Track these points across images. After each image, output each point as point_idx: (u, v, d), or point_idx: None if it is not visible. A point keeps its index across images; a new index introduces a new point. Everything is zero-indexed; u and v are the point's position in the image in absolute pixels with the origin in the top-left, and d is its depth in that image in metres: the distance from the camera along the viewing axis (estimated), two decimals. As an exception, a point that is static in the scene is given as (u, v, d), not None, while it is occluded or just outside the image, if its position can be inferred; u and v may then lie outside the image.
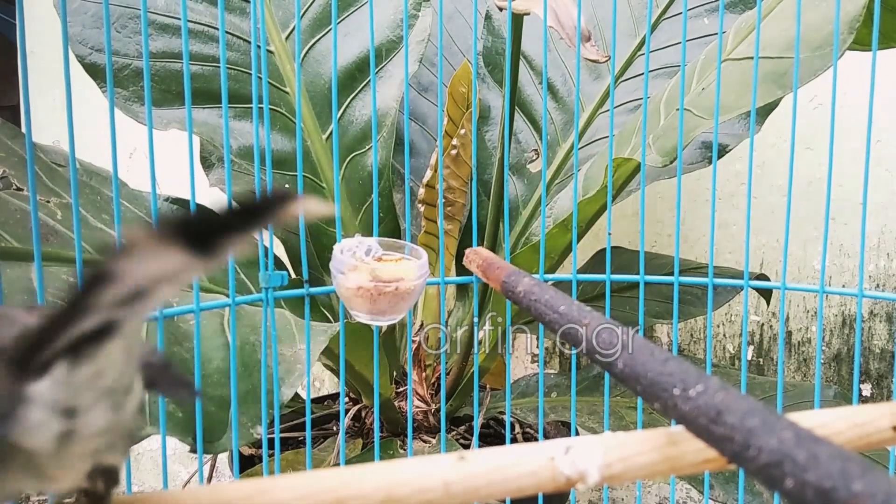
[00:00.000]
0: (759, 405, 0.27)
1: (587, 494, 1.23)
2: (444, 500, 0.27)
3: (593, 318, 0.39)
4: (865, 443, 0.31)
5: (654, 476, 0.29)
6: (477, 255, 0.59)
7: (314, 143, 0.89)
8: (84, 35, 0.80)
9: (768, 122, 0.88)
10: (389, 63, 0.91)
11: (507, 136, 0.71)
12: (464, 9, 1.07)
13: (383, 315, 0.53)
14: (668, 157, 0.63)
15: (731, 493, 0.72)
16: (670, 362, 0.32)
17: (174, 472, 1.35)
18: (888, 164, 1.07)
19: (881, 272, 1.10)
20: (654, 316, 0.93)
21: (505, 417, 0.80)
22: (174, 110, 0.82)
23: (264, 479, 0.27)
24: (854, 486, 0.22)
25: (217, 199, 0.93)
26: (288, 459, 0.83)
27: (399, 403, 0.89)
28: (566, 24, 0.62)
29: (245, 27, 0.88)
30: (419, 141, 1.02)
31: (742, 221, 1.13)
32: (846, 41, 0.58)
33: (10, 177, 0.66)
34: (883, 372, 1.11)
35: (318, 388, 1.36)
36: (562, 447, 0.29)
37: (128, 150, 1.31)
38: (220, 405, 0.55)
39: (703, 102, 0.65)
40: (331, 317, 0.89)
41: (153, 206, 0.50)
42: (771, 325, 1.16)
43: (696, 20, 0.94)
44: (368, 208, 0.91)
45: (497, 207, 0.79)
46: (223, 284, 0.74)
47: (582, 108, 0.98)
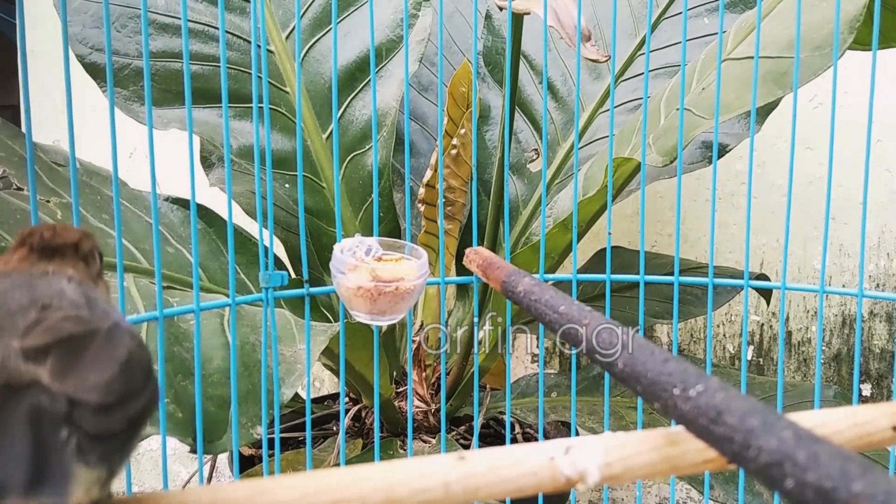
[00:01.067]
0: (759, 405, 0.27)
1: (587, 494, 1.23)
2: (443, 500, 0.27)
3: (593, 318, 0.39)
4: (865, 443, 0.31)
5: (654, 476, 0.29)
6: (477, 255, 0.59)
7: (314, 142, 0.89)
8: (84, 34, 0.80)
9: (768, 122, 0.88)
10: (389, 63, 0.91)
11: (507, 136, 0.71)
12: (464, 8, 1.07)
13: (383, 315, 0.53)
14: (668, 157, 0.63)
15: (731, 493, 0.72)
16: (670, 362, 0.32)
17: (174, 472, 1.35)
18: (888, 163, 1.07)
19: (881, 272, 1.10)
20: (654, 316, 0.93)
21: (505, 417, 0.80)
22: (174, 110, 0.82)
23: (264, 480, 0.27)
24: (854, 486, 0.22)
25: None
26: (288, 459, 0.83)
27: (399, 403, 0.89)
28: (566, 23, 0.62)
29: (245, 27, 0.88)
30: (419, 141, 1.02)
31: (742, 221, 1.13)
32: (846, 41, 0.58)
33: (10, 177, 0.66)
34: (883, 372, 1.11)
35: (318, 388, 1.36)
36: (562, 447, 0.29)
37: (128, 150, 1.31)
38: (220, 405, 0.55)
39: (703, 102, 0.65)
40: (331, 317, 0.89)
41: (153, 206, 0.49)
42: (771, 325, 1.16)
43: (696, 20, 0.94)
44: (368, 208, 0.91)
45: (497, 207, 0.79)
46: (223, 284, 0.74)
47: (582, 107, 0.98)
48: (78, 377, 0.24)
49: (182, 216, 0.77)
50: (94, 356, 0.25)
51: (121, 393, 0.25)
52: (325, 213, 0.90)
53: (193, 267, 0.53)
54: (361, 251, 0.54)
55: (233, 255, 0.54)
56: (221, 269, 0.75)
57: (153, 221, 0.50)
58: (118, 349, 0.26)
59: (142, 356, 0.27)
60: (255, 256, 0.79)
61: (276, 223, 0.89)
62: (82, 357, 0.25)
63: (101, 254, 0.33)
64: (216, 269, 0.75)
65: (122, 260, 0.49)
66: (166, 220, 0.77)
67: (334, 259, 0.52)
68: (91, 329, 0.26)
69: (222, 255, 0.77)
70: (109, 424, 0.24)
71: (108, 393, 0.24)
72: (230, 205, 0.61)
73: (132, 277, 0.65)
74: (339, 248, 0.53)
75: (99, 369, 0.25)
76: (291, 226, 0.90)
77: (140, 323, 0.55)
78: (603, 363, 0.36)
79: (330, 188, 0.89)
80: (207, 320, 0.60)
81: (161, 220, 0.76)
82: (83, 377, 0.24)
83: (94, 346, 0.26)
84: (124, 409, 0.25)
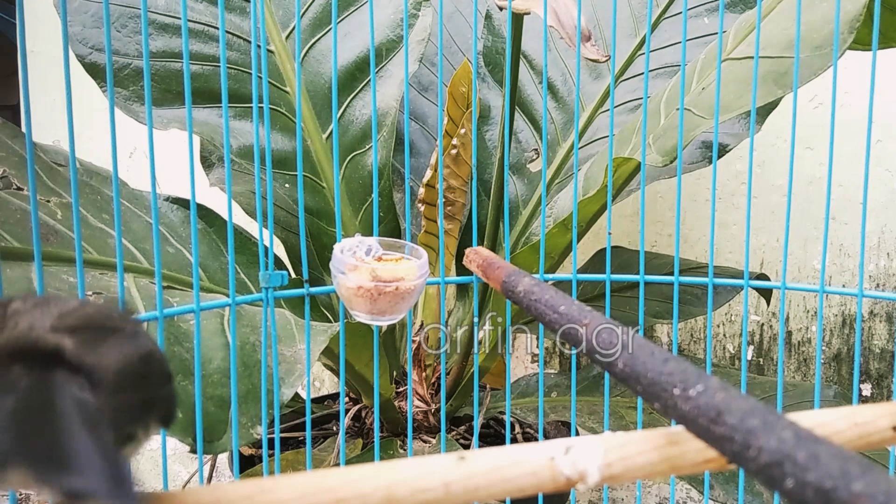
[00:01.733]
0: (759, 405, 0.27)
1: (587, 494, 1.23)
2: (444, 500, 0.27)
3: (593, 317, 0.39)
4: (865, 443, 0.31)
5: (654, 476, 0.29)
6: (477, 255, 0.59)
7: (314, 142, 0.89)
8: (84, 34, 0.80)
9: (768, 122, 0.88)
10: (389, 63, 0.91)
11: (507, 136, 0.71)
12: (464, 8, 1.07)
13: (383, 315, 0.53)
14: (668, 157, 0.63)
15: (731, 493, 0.72)
16: (670, 362, 0.32)
17: (174, 472, 1.35)
18: (888, 163, 1.07)
19: (881, 272, 1.10)
20: (654, 316, 0.93)
21: (505, 417, 0.80)
22: (174, 110, 0.82)
23: (264, 479, 0.27)
24: (854, 486, 0.22)
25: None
26: (288, 459, 0.83)
27: (399, 403, 0.89)
28: (566, 23, 0.62)
29: (245, 27, 0.88)
30: (419, 140, 1.02)
31: (742, 221, 1.13)
32: (846, 41, 0.58)
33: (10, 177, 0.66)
34: (883, 372, 1.11)
35: (318, 388, 1.36)
36: (562, 447, 0.29)
37: (128, 150, 1.32)
38: (220, 405, 0.55)
39: (703, 102, 0.65)
40: (331, 317, 0.89)
41: (153, 206, 0.49)
42: (771, 325, 1.16)
43: (696, 20, 0.94)
44: (368, 208, 0.91)
45: (497, 207, 0.79)
46: (223, 284, 0.74)
47: (582, 107, 0.98)
48: (99, 355, 0.25)
49: (182, 216, 0.77)
50: (117, 342, 0.26)
51: (137, 379, 0.25)
52: (325, 213, 0.90)
53: (193, 267, 0.53)
54: (361, 251, 0.54)
55: (233, 255, 0.54)
56: (221, 269, 0.75)
57: (153, 221, 0.50)
58: (141, 342, 0.27)
59: (162, 360, 0.28)
60: (255, 256, 0.79)
61: (276, 223, 0.89)
62: (106, 340, 0.26)
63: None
64: (216, 269, 0.75)
65: (122, 260, 0.49)
66: (166, 220, 0.77)
67: (334, 259, 0.52)
68: (118, 325, 0.27)
69: (222, 255, 0.77)
70: (120, 405, 0.24)
71: (125, 375, 0.25)
72: (230, 205, 0.61)
73: (132, 277, 0.65)
74: (339, 248, 0.53)
75: (120, 353, 0.26)
76: (291, 226, 0.90)
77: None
78: (603, 363, 0.36)
79: (330, 188, 0.89)
80: (207, 320, 0.60)
81: (161, 220, 0.76)
82: (104, 355, 0.25)
83: (118, 336, 0.27)
84: (138, 398, 0.25)
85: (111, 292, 0.59)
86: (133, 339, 0.27)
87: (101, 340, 0.26)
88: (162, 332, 0.52)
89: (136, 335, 0.27)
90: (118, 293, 0.50)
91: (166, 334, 0.55)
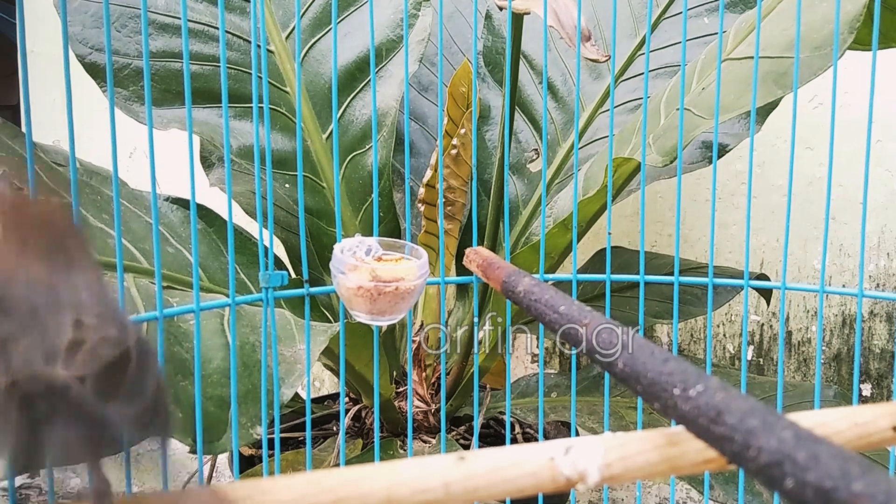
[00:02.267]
0: (759, 405, 0.27)
1: (587, 494, 1.23)
2: (444, 500, 0.27)
3: (593, 317, 0.39)
4: (865, 443, 0.31)
5: (654, 476, 0.29)
6: (477, 255, 0.59)
7: (314, 142, 0.89)
8: (84, 34, 0.80)
9: (768, 122, 0.88)
10: (389, 63, 0.91)
11: (507, 136, 0.71)
12: (464, 8, 1.07)
13: (383, 315, 0.53)
14: (668, 157, 0.63)
15: (731, 493, 0.72)
16: (670, 362, 0.32)
17: (174, 472, 1.35)
18: (888, 164, 1.07)
19: (881, 272, 1.10)
20: (654, 316, 0.93)
21: (505, 417, 0.80)
22: (174, 110, 0.82)
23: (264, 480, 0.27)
24: (854, 486, 0.22)
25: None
26: (288, 459, 0.83)
27: (399, 403, 0.89)
28: (566, 23, 0.62)
29: (245, 27, 0.88)
30: (419, 141, 1.02)
31: (742, 221, 1.13)
32: (846, 41, 0.58)
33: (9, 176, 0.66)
34: (883, 372, 1.11)
35: (318, 388, 1.36)
36: (562, 447, 0.29)
37: (128, 150, 1.32)
38: (220, 405, 0.55)
39: (703, 102, 0.65)
40: (331, 317, 0.89)
41: (153, 206, 0.49)
42: (771, 325, 1.16)
43: (696, 20, 0.94)
44: (368, 208, 0.91)
45: (497, 207, 0.79)
46: (223, 284, 0.74)
47: (582, 107, 0.98)
48: (116, 403, 0.27)
49: (182, 216, 0.77)
50: (129, 384, 0.28)
51: (147, 413, 0.28)
52: (325, 213, 0.90)
53: (193, 267, 0.53)
54: (361, 251, 0.54)
55: (233, 255, 0.54)
56: (221, 269, 0.75)
57: (153, 221, 0.50)
58: (149, 376, 0.28)
59: (160, 378, 0.29)
60: (255, 256, 0.79)
61: (276, 223, 0.89)
62: (121, 383, 0.27)
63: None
64: (216, 269, 0.75)
65: (122, 260, 0.49)
66: (166, 220, 0.77)
67: (334, 259, 0.52)
68: (124, 351, 0.28)
69: (222, 255, 0.77)
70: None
71: (139, 419, 0.27)
72: (230, 205, 0.61)
73: (132, 277, 0.65)
74: (339, 248, 0.53)
75: (133, 397, 0.27)
76: (291, 226, 0.90)
77: (140, 323, 0.55)
78: (603, 363, 0.36)
79: (330, 188, 0.89)
80: (207, 320, 0.60)
81: (161, 220, 0.76)
82: (122, 403, 0.27)
83: (129, 372, 0.28)
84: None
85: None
86: (142, 369, 0.28)
87: (115, 384, 0.27)
88: (162, 332, 0.52)
89: (142, 360, 0.28)
90: (118, 293, 0.50)
91: (166, 334, 0.55)
